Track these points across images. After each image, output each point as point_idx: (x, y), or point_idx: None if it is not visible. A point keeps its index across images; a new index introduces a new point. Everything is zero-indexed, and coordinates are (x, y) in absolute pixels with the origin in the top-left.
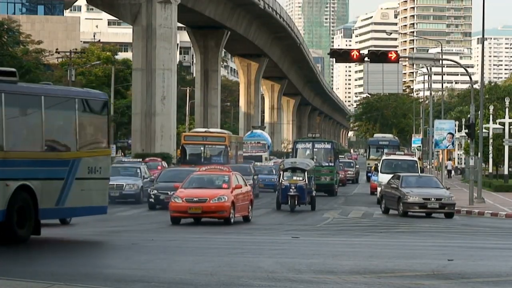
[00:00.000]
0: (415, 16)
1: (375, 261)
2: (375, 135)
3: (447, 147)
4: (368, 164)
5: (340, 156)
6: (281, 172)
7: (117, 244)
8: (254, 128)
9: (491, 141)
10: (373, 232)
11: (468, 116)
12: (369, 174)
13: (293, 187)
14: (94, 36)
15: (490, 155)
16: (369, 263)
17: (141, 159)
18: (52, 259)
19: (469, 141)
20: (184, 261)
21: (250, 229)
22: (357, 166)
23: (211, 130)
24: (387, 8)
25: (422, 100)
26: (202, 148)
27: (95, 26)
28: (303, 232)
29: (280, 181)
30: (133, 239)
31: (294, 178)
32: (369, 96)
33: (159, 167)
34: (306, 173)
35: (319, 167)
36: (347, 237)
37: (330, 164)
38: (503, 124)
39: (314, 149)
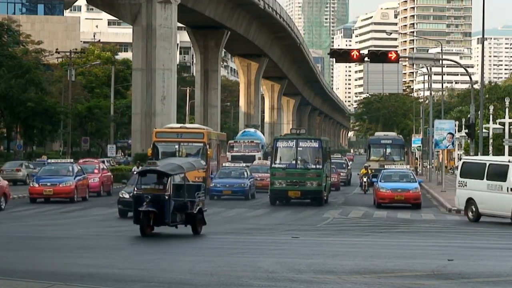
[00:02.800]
0: (415, 16)
1: (375, 261)
2: (377, 133)
3: (447, 147)
4: (369, 166)
5: (336, 156)
6: (137, 178)
7: (118, 244)
8: (248, 127)
9: (491, 141)
10: (373, 232)
11: (468, 116)
12: (361, 181)
13: (147, 199)
14: (94, 36)
15: (490, 155)
16: (369, 263)
17: (72, 160)
18: (52, 259)
19: (469, 141)
20: (184, 261)
21: (250, 229)
22: (349, 168)
23: (187, 125)
24: (387, 8)
25: (422, 100)
26: (176, 146)
27: (95, 26)
28: (303, 232)
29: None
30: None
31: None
32: (369, 96)
33: (96, 170)
34: (170, 179)
35: (303, 170)
36: (347, 237)
37: (317, 166)
38: (503, 124)
39: (298, 148)
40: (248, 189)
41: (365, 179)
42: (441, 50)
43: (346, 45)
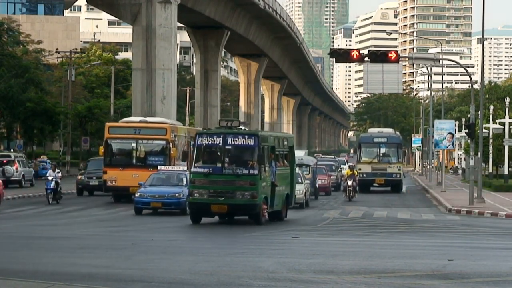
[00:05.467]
0: (415, 16)
1: (375, 261)
2: (370, 129)
3: (447, 147)
4: (359, 169)
5: (326, 157)
6: None
7: (118, 244)
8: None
9: (491, 141)
10: (373, 232)
11: (468, 116)
12: (346, 185)
13: None
14: (94, 36)
15: (490, 155)
16: (369, 263)
17: None
18: (52, 259)
19: (469, 141)
20: (184, 261)
21: (250, 229)
22: (340, 170)
23: (148, 119)
24: (387, 8)
25: (422, 99)
26: (133, 144)
27: (95, 26)
28: (303, 232)
29: None
30: None
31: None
32: (369, 96)
33: None
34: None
35: (232, 177)
36: (347, 237)
37: (251, 171)
38: (503, 124)
39: (227, 147)
40: (185, 200)
41: (349, 182)
42: (441, 50)
43: (346, 45)
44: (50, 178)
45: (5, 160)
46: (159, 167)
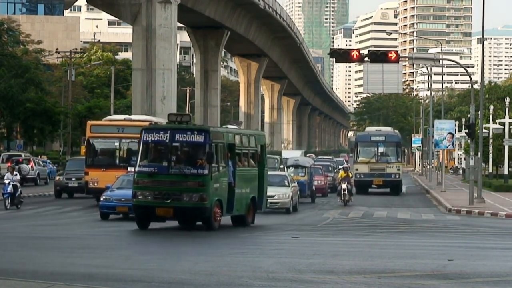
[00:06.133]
0: (415, 16)
1: (375, 261)
2: (368, 128)
3: (447, 147)
4: (356, 169)
5: (322, 158)
6: (285, 169)
7: (118, 244)
8: (229, 124)
9: (491, 141)
10: (373, 232)
11: (468, 116)
12: (340, 188)
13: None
14: (94, 36)
15: (490, 155)
16: (369, 263)
17: None
18: (52, 259)
19: (469, 141)
20: (184, 261)
21: (250, 229)
22: (336, 171)
23: (132, 117)
24: (387, 8)
25: (422, 99)
26: (117, 144)
27: (95, 26)
28: (303, 232)
29: None
30: None
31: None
32: (369, 96)
33: None
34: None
35: (179, 177)
36: (347, 237)
37: (200, 171)
38: (503, 124)
39: (174, 144)
40: None
41: (344, 186)
42: (441, 50)
43: (346, 45)
44: (7, 181)
45: (21, 158)
46: (129, 168)
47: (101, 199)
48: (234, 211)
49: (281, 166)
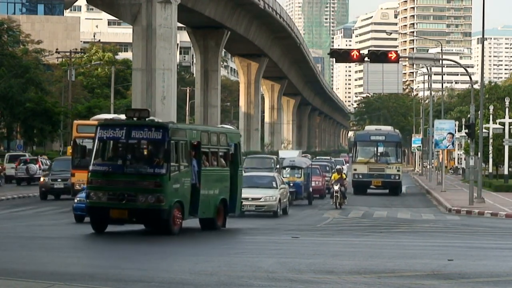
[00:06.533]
0: (415, 16)
1: (375, 261)
2: (366, 127)
3: (447, 147)
4: (355, 170)
5: (321, 158)
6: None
7: (117, 244)
8: (224, 124)
9: (491, 141)
10: (373, 232)
11: (468, 116)
12: (333, 190)
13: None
14: (94, 36)
15: (490, 155)
16: (369, 263)
17: None
18: (52, 259)
19: (469, 141)
20: (184, 261)
21: (250, 229)
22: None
23: (121, 116)
24: (387, 8)
25: (422, 99)
26: None
27: (95, 26)
28: (303, 232)
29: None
30: None
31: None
32: (369, 96)
33: None
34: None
35: (135, 177)
36: (347, 237)
37: (157, 170)
38: (503, 124)
39: (130, 141)
40: None
41: (336, 187)
42: (441, 50)
43: (346, 45)
44: None
45: (28, 158)
46: None
47: (75, 201)
48: (199, 214)
49: (277, 167)
